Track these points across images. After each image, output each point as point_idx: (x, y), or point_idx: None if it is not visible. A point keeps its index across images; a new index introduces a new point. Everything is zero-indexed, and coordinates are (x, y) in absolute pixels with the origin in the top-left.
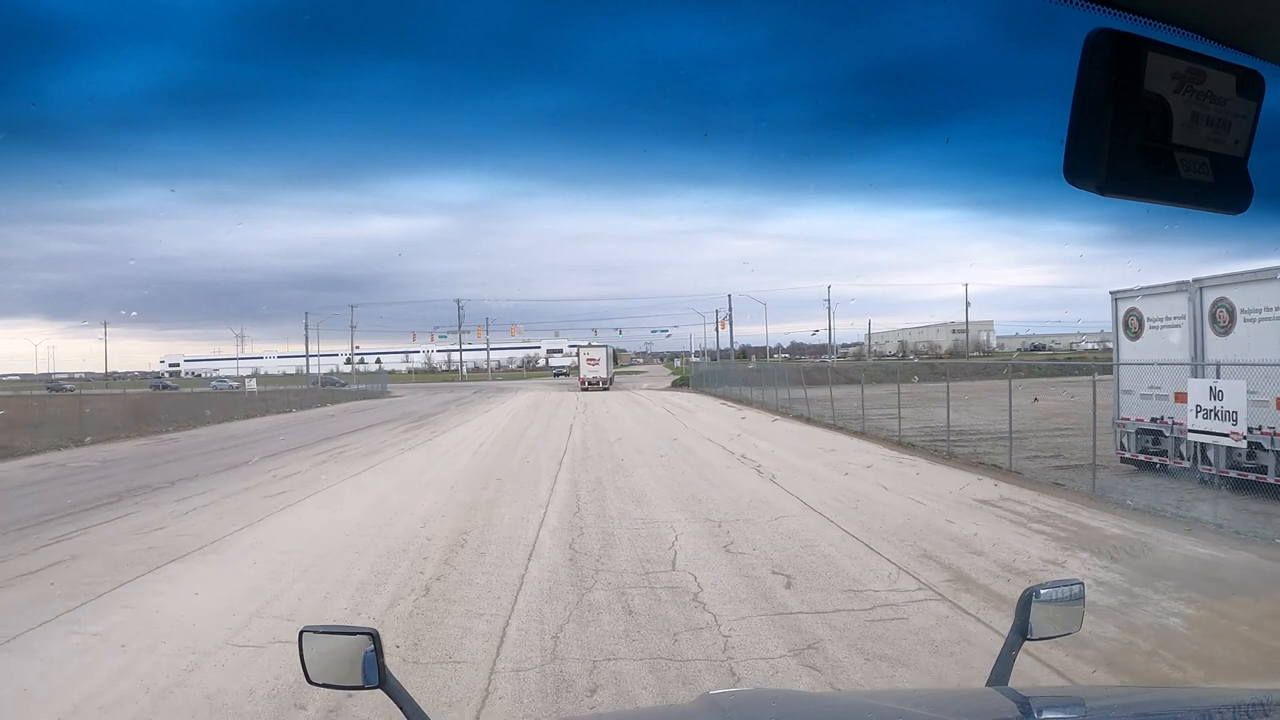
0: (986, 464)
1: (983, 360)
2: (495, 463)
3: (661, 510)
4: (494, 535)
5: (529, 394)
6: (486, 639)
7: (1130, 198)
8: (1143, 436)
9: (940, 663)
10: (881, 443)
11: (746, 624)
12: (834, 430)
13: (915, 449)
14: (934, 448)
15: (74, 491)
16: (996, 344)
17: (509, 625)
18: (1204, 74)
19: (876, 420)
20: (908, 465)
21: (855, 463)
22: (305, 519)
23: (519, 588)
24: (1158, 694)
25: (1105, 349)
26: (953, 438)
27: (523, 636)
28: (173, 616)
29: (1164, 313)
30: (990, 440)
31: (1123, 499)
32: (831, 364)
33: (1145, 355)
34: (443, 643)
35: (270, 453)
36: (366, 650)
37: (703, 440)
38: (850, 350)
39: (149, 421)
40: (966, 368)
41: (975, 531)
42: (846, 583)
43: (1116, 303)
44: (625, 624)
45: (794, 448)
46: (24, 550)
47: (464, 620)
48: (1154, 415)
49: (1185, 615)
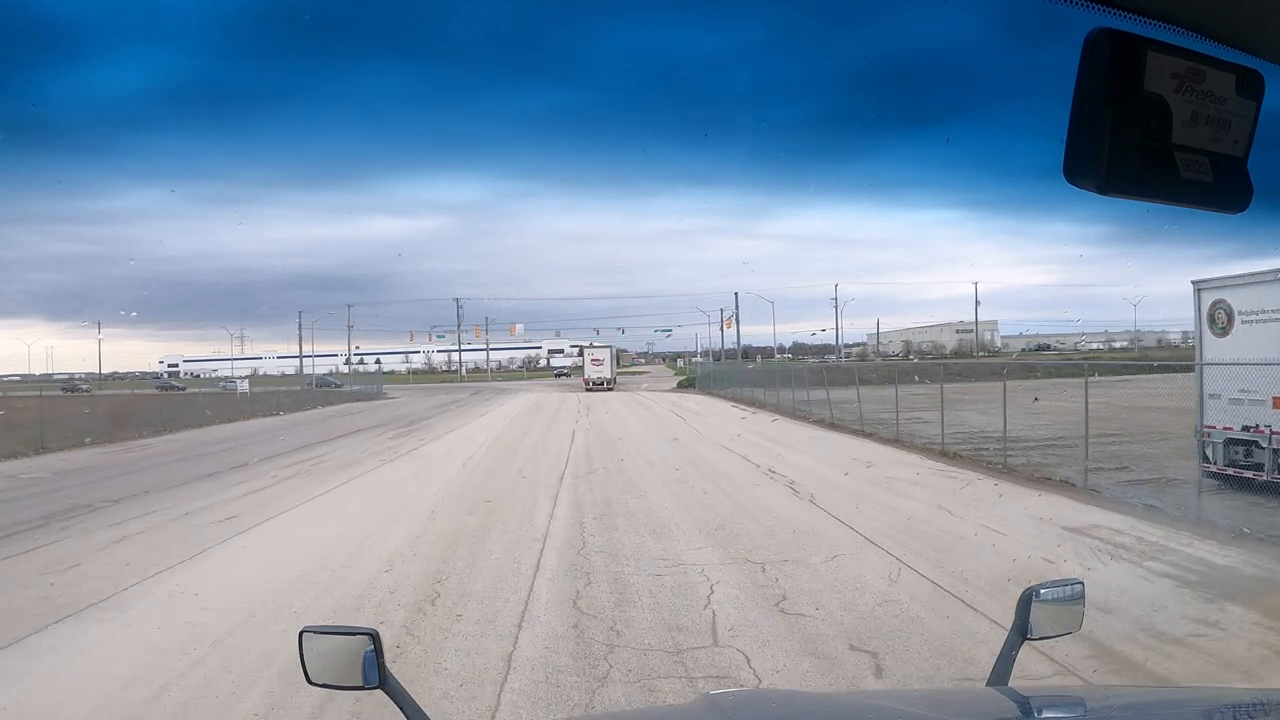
0: (1054, 480)
1: (998, 360)
2: (486, 478)
3: (687, 545)
4: (476, 585)
5: (529, 395)
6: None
7: (1130, 197)
8: (1232, 447)
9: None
10: (921, 452)
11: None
12: (864, 437)
13: (961, 460)
14: (982, 458)
15: (2, 512)
16: (1001, 344)
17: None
18: (1204, 73)
19: (907, 425)
20: (961, 481)
21: (901, 478)
22: (247, 557)
23: (503, 680)
24: (1158, 694)
25: (1110, 348)
26: (1001, 446)
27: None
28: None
29: (1260, 305)
30: (1040, 449)
31: (1237, 526)
32: (841, 363)
33: (1236, 353)
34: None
35: (239, 463)
36: (367, 650)
37: (721, 450)
38: (854, 350)
39: (125, 426)
40: (980, 368)
41: (1086, 577)
42: (955, 662)
43: (1199, 294)
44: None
45: (826, 459)
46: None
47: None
48: (1246, 423)
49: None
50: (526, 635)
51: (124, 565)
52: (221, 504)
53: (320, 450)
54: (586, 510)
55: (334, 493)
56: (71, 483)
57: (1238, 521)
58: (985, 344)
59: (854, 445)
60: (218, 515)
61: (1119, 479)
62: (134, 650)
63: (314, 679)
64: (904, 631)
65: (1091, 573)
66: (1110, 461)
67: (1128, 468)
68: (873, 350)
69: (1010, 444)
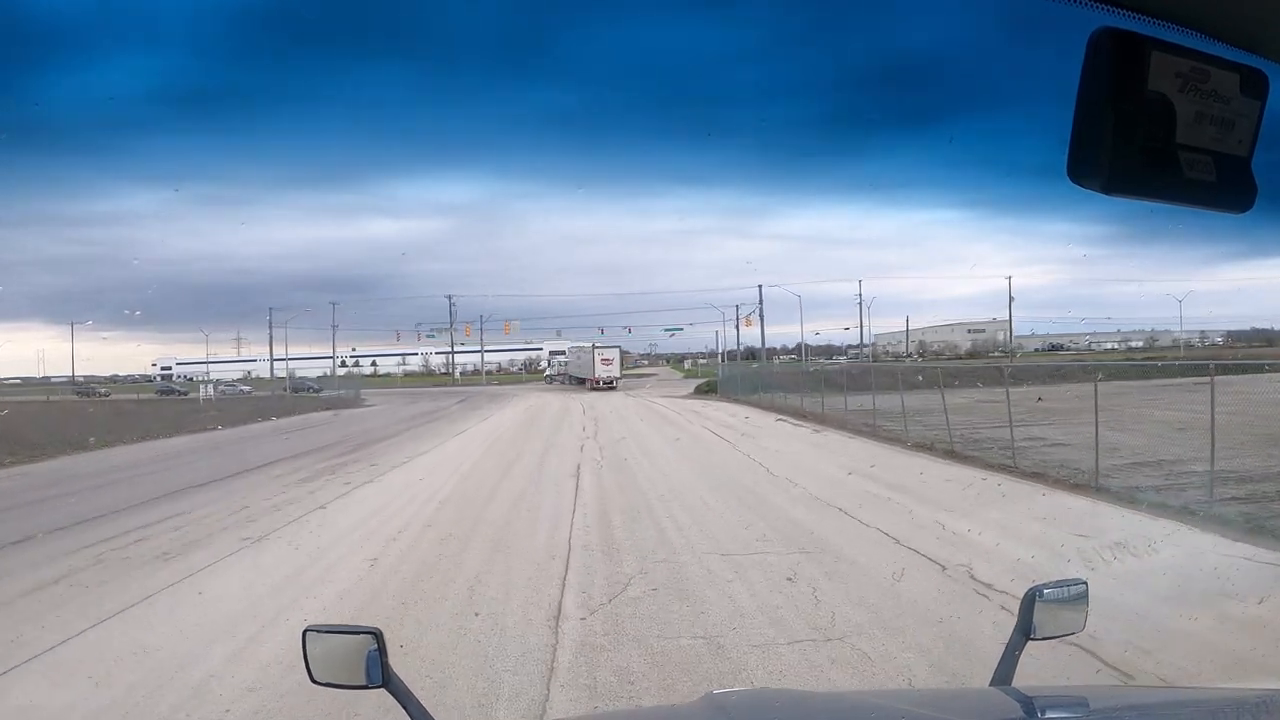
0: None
1: (1055, 360)
2: (411, 600)
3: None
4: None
5: (526, 401)
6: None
7: (1134, 197)
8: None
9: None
10: (1099, 496)
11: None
12: (985, 468)
13: (1169, 512)
14: (1199, 509)
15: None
16: (1015, 344)
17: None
18: (1208, 73)
19: (1036, 451)
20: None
21: (1161, 565)
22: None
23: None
24: (1162, 694)
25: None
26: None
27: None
28: None
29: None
30: (1233, 483)
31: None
32: (868, 364)
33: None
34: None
35: (32, 532)
36: (370, 649)
37: (841, 519)
38: (861, 351)
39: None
40: (1037, 370)
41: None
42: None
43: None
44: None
45: (1007, 525)
46: None
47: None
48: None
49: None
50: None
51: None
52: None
53: (187, 503)
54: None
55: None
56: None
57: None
58: (997, 343)
59: (997, 485)
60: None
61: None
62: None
63: (318, 678)
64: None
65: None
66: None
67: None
68: (882, 350)
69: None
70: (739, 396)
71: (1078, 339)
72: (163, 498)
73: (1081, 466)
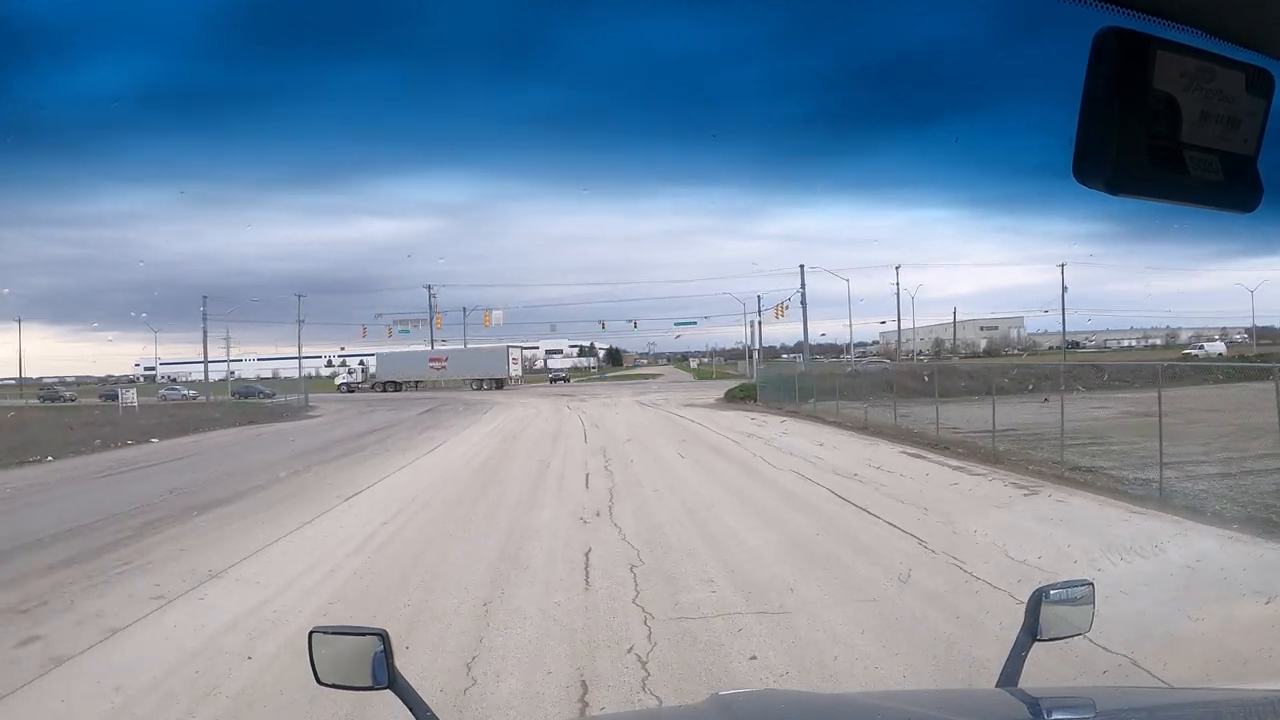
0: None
1: (1130, 359)
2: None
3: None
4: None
5: (511, 414)
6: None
7: (1139, 197)
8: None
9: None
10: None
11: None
12: (1207, 523)
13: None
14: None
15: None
16: (1030, 342)
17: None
18: (1213, 72)
19: (1183, 487)
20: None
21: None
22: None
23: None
24: (1169, 695)
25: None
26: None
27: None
28: None
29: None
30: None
31: None
32: (929, 365)
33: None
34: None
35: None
36: (376, 650)
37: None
38: (870, 350)
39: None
40: (1136, 370)
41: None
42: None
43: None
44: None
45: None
46: None
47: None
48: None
49: None
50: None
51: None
52: None
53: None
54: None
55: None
56: None
57: None
58: (1012, 342)
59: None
60: None
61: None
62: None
63: (323, 679)
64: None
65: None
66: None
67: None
68: (893, 350)
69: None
70: (785, 406)
71: (1091, 336)
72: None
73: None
